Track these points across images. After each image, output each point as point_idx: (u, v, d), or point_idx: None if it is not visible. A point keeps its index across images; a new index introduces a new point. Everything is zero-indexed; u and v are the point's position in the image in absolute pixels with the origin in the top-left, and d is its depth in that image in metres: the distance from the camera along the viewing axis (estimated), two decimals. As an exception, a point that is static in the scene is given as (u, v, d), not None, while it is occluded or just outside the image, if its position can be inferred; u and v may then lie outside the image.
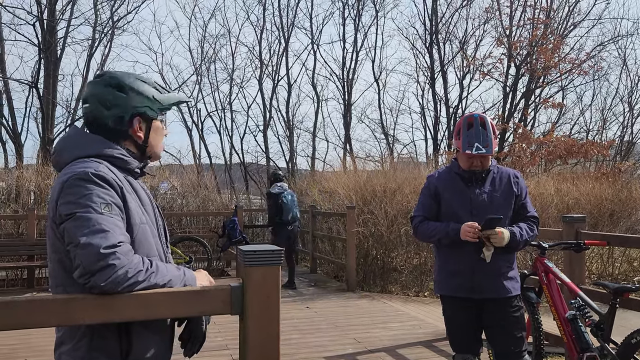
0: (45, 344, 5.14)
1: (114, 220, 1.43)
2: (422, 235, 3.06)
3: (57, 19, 16.53)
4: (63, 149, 1.61)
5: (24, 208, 9.93)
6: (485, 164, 2.95)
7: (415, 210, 3.10)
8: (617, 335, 3.33)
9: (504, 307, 2.91)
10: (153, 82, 1.73)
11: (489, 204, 2.90)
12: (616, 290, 3.34)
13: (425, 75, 20.67)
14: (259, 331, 1.44)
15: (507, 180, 3.00)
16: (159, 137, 1.73)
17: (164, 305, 1.39)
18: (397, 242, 8.98)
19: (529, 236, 2.95)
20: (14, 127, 16.61)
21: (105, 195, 1.45)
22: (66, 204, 1.43)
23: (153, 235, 1.61)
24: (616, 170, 12.80)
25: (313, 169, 20.13)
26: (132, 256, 1.42)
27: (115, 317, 1.37)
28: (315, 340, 5.33)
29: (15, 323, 1.31)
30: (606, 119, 21.24)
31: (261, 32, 21.06)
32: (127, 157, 1.62)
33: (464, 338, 2.98)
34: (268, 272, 1.43)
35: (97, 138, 1.61)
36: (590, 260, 8.84)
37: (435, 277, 3.10)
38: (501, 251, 2.88)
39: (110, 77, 1.66)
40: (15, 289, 8.66)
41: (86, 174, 1.46)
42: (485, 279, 2.88)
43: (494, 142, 2.91)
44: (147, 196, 1.67)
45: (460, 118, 3.07)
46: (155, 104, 1.68)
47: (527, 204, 3.04)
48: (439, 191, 3.01)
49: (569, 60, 16.73)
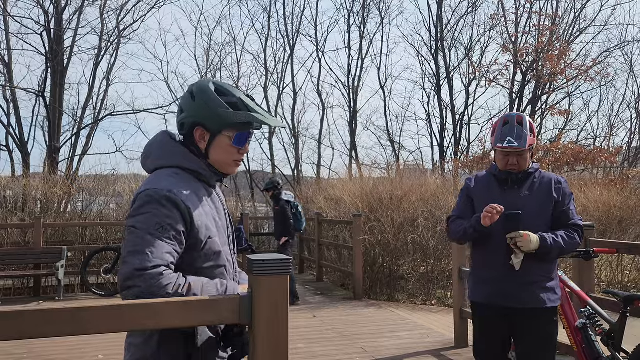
0: (51, 353, 5.15)
1: (162, 243, 1.50)
2: (453, 234, 2.98)
3: (64, 28, 16.70)
4: (148, 155, 1.69)
5: (30, 216, 9.98)
6: (522, 164, 2.82)
7: (452, 211, 3.06)
8: (628, 344, 3.29)
9: (536, 319, 2.77)
10: (239, 96, 1.65)
11: (522, 208, 2.74)
12: (627, 298, 3.31)
13: (431, 82, 20.71)
14: (268, 341, 1.42)
15: (548, 184, 2.85)
16: (223, 154, 1.66)
17: (173, 314, 1.38)
18: (404, 250, 8.94)
19: (565, 244, 2.75)
20: (21, 135, 16.74)
21: (165, 217, 1.52)
22: (130, 216, 1.55)
23: (222, 244, 1.65)
24: (624, 177, 12.72)
25: (319, 177, 20.15)
26: (161, 279, 1.47)
27: (124, 327, 1.37)
28: (322, 349, 5.30)
29: (25, 333, 1.31)
30: (613, 125, 21.17)
31: (266, 40, 21.22)
32: (203, 172, 1.65)
33: (488, 347, 2.89)
34: (277, 281, 1.42)
35: (179, 150, 1.66)
36: (599, 268, 8.76)
37: (469, 283, 3.04)
38: (536, 259, 2.73)
39: (195, 83, 1.70)
40: (22, 297, 8.67)
41: (156, 193, 1.53)
42: (517, 288, 2.75)
43: (530, 139, 2.78)
44: (222, 205, 1.72)
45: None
46: (218, 119, 1.63)
47: (570, 212, 2.85)
48: (473, 192, 2.95)
49: (575, 67, 16.72)
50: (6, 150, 17.04)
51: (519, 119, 2.82)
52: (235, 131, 1.65)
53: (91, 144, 18.04)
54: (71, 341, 5.38)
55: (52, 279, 8.75)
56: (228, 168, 1.70)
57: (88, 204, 11.63)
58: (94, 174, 14.84)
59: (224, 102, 1.63)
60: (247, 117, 1.64)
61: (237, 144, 1.66)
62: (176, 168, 1.62)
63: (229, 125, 1.63)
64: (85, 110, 18.02)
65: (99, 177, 13.24)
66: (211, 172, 1.67)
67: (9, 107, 16.89)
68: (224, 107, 1.62)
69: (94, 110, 18.33)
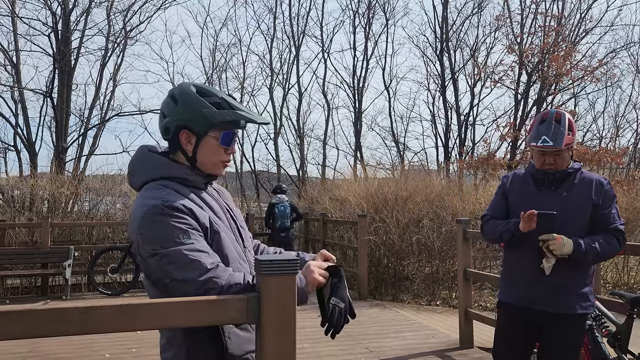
0: (57, 352, 5.17)
1: (195, 245, 1.50)
2: (487, 234, 2.90)
3: (72, 29, 16.78)
4: (133, 173, 1.68)
5: (38, 216, 10.04)
6: (560, 163, 2.68)
7: (486, 210, 2.98)
8: (634, 346, 3.29)
9: (564, 325, 2.67)
10: (221, 96, 1.65)
11: (558, 209, 2.60)
12: (634, 300, 3.30)
13: (436, 82, 20.67)
14: (276, 340, 1.43)
15: (589, 186, 2.69)
16: (211, 155, 1.65)
17: (180, 314, 1.39)
18: (409, 251, 8.94)
19: (602, 249, 2.61)
20: (29, 135, 16.83)
21: (181, 224, 1.51)
22: (148, 242, 1.51)
23: (230, 240, 1.65)
24: (630, 178, 12.66)
25: (324, 177, 20.15)
26: (228, 275, 1.49)
27: (132, 327, 1.37)
28: (327, 349, 5.30)
29: (33, 332, 1.32)
30: (619, 126, 21.07)
31: (272, 40, 21.23)
32: (190, 177, 1.64)
33: (508, 349, 2.83)
34: (284, 281, 1.43)
35: (161, 160, 1.65)
36: (605, 269, 8.73)
37: (500, 282, 2.98)
38: (569, 264, 2.61)
39: (176, 87, 1.69)
40: (29, 296, 8.72)
41: (159, 208, 1.51)
42: (548, 292, 2.66)
43: (567, 138, 2.63)
44: (218, 203, 1.70)
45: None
46: (203, 120, 1.61)
47: (611, 216, 2.68)
48: (509, 191, 2.86)
49: (581, 68, 16.64)
50: (14, 150, 17.16)
51: (557, 116, 2.68)
52: (221, 131, 1.64)
53: (98, 144, 18.14)
54: (77, 340, 5.40)
55: (59, 278, 8.80)
56: (216, 169, 1.69)
57: (95, 203, 11.69)
58: (101, 174, 14.92)
59: (208, 103, 1.62)
60: (232, 116, 1.63)
61: (224, 144, 1.65)
62: (162, 180, 1.61)
63: (215, 125, 1.62)
64: (92, 111, 18.11)
65: (105, 177, 13.30)
66: (197, 175, 1.66)
67: (16, 108, 17.00)
68: (208, 107, 1.61)
69: (101, 110, 18.42)
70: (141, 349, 5.25)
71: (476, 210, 8.91)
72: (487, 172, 13.70)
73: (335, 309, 1.54)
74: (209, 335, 1.57)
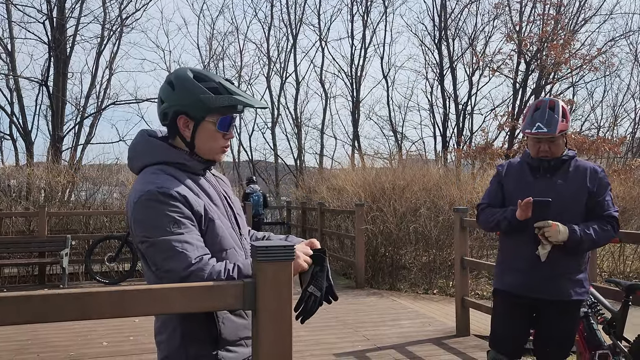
0: (56, 340, 5.19)
1: (185, 236, 1.50)
2: (483, 223, 2.91)
3: (67, 17, 16.64)
4: (132, 157, 1.69)
5: (34, 205, 10.01)
6: (555, 150, 2.72)
7: (482, 198, 2.99)
8: (629, 333, 3.31)
9: (559, 311, 2.71)
10: (218, 81, 1.64)
11: (554, 197, 2.63)
12: (629, 287, 3.31)
13: (434, 71, 20.62)
14: (272, 327, 1.43)
15: (583, 174, 2.72)
16: (209, 140, 1.65)
17: (176, 300, 1.38)
18: (406, 240, 8.96)
19: (597, 236, 2.65)
20: (25, 124, 16.77)
21: (173, 213, 1.51)
22: (140, 227, 1.52)
23: (225, 227, 1.64)
24: (628, 167, 12.69)
25: (321, 166, 20.15)
26: (211, 267, 1.49)
27: (128, 313, 1.37)
28: (325, 337, 5.33)
29: (30, 318, 1.32)
30: (617, 115, 21.10)
31: (269, 29, 21.14)
32: (187, 162, 1.64)
33: (505, 336, 2.85)
34: (280, 268, 1.43)
35: (160, 145, 1.65)
36: (601, 258, 8.77)
37: (494, 271, 3.00)
38: (564, 251, 2.64)
39: (173, 72, 1.68)
40: (27, 285, 8.73)
41: (153, 193, 1.52)
42: (544, 279, 2.68)
43: (561, 124, 2.66)
44: (215, 190, 1.70)
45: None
46: (200, 105, 1.61)
47: (605, 203, 2.71)
48: (504, 180, 2.87)
49: (579, 56, 16.61)
50: (10, 139, 17.10)
51: (551, 104, 2.72)
52: (218, 116, 1.63)
53: (94, 133, 18.08)
54: (76, 328, 5.42)
55: (56, 267, 8.81)
56: (214, 155, 1.68)
57: (92, 192, 11.66)
58: (98, 163, 14.87)
59: (205, 88, 1.61)
60: (230, 100, 1.63)
61: (222, 129, 1.65)
62: (160, 164, 1.62)
63: (213, 110, 1.62)
64: (89, 100, 18.04)
65: (102, 166, 13.24)
66: (196, 161, 1.66)
67: (12, 96, 16.93)
68: (206, 92, 1.61)
69: (97, 99, 18.35)
70: (139, 337, 5.26)
71: (473, 200, 8.92)
72: (485, 162, 13.71)
73: (311, 297, 1.58)
74: (203, 320, 1.58)
